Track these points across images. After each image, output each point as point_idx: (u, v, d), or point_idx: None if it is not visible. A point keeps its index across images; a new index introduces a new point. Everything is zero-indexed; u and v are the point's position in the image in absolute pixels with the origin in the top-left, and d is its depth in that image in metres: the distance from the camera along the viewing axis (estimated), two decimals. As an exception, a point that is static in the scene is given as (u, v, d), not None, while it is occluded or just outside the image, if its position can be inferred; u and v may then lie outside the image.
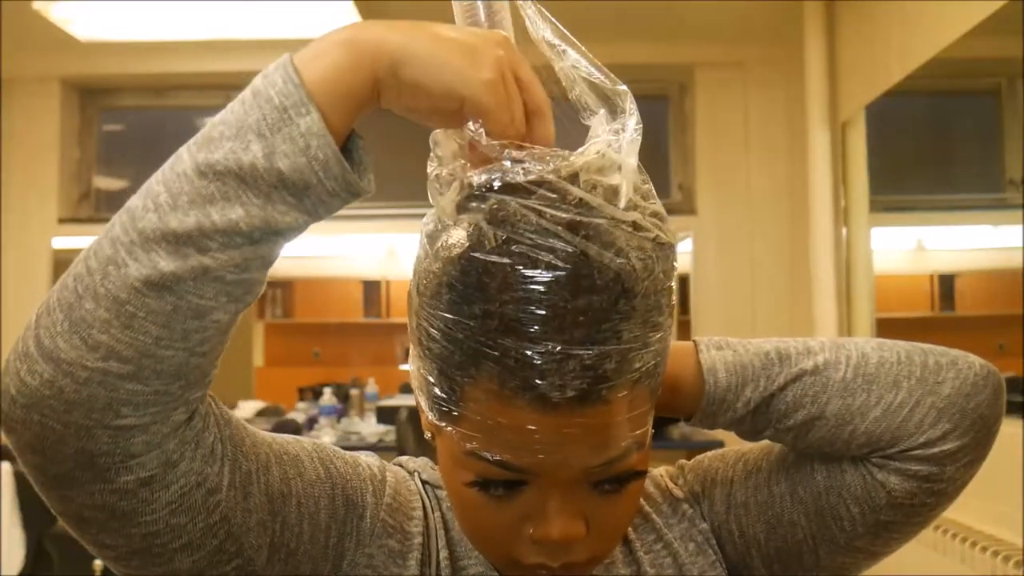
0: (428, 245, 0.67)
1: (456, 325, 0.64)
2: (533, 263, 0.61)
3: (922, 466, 0.74)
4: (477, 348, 0.63)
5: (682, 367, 0.76)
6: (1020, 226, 2.85)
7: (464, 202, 0.64)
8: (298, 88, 0.57)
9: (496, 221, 0.63)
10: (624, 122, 0.66)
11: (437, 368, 0.66)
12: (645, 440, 0.68)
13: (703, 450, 0.91)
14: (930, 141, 3.80)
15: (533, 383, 0.62)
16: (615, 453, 0.66)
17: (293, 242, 0.61)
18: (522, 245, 0.62)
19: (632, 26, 3.98)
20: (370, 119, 0.62)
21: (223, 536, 0.62)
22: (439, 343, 0.65)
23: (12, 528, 3.27)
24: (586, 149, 0.65)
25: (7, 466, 3.28)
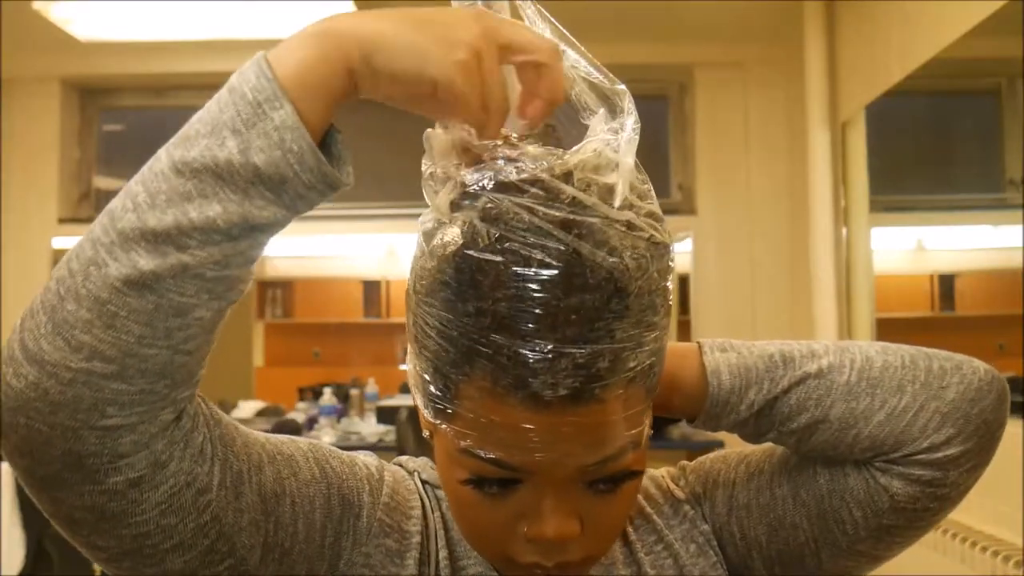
0: (424, 243, 0.67)
1: (450, 322, 0.64)
2: (526, 261, 0.61)
3: (925, 471, 0.74)
4: (471, 345, 0.63)
5: (686, 369, 0.76)
6: (1020, 226, 2.85)
7: (458, 200, 0.64)
8: (271, 82, 0.57)
9: (489, 219, 0.63)
10: (622, 121, 0.66)
11: (432, 366, 0.66)
12: (641, 439, 0.68)
13: (703, 450, 0.91)
14: (930, 141, 3.80)
15: (526, 381, 0.62)
16: (610, 452, 0.66)
17: (276, 238, 0.60)
18: (515, 243, 0.62)
19: (632, 26, 3.98)
20: (370, 119, 0.62)
21: (214, 536, 0.62)
22: (434, 340, 0.65)
23: (12, 528, 3.27)
24: (582, 147, 0.65)
25: (7, 466, 3.27)
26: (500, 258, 0.62)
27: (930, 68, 2.86)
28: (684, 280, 4.47)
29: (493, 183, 0.63)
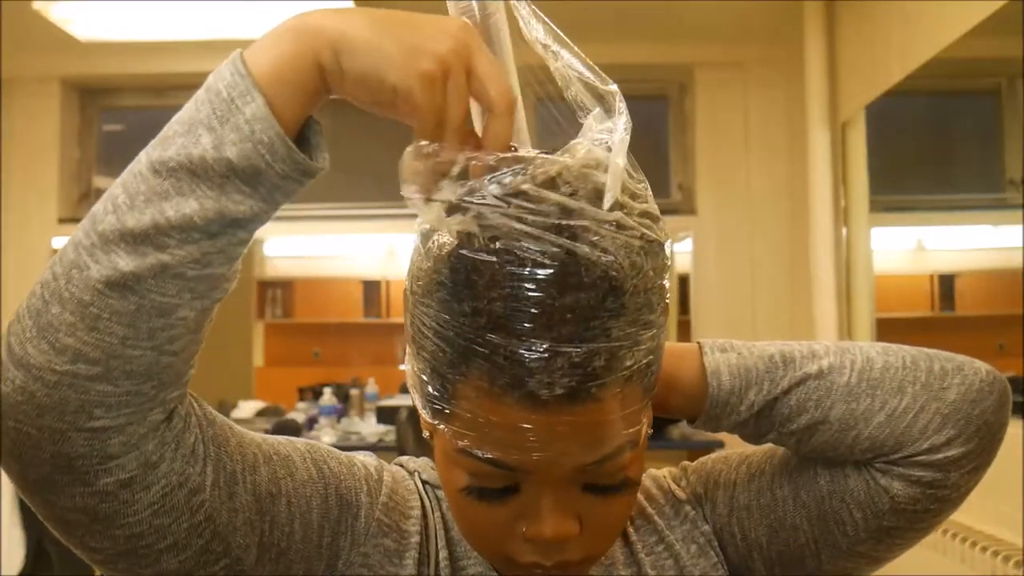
0: (421, 244, 0.67)
1: (447, 323, 0.63)
2: (521, 261, 0.61)
3: (926, 472, 0.74)
4: (467, 346, 0.63)
5: (686, 369, 0.76)
6: (1020, 226, 2.85)
7: (450, 212, 0.63)
8: (244, 78, 0.57)
9: (483, 226, 0.62)
10: (615, 122, 0.66)
11: (430, 366, 0.66)
12: (639, 438, 0.68)
13: (703, 451, 0.91)
14: (930, 141, 3.80)
15: (522, 380, 0.61)
16: (608, 451, 0.66)
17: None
18: (510, 243, 0.61)
19: (631, 26, 3.98)
20: (370, 119, 0.62)
21: (209, 536, 0.62)
22: (431, 341, 0.65)
23: (12, 528, 3.27)
24: (569, 148, 0.64)
25: (7, 467, 3.27)
26: (495, 258, 0.61)
27: (930, 68, 2.86)
28: (684, 280, 4.47)
29: (478, 197, 0.62)
